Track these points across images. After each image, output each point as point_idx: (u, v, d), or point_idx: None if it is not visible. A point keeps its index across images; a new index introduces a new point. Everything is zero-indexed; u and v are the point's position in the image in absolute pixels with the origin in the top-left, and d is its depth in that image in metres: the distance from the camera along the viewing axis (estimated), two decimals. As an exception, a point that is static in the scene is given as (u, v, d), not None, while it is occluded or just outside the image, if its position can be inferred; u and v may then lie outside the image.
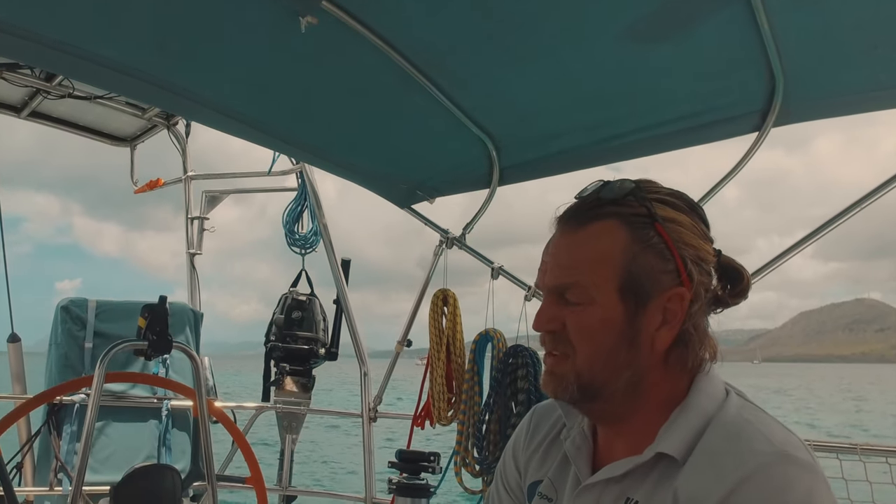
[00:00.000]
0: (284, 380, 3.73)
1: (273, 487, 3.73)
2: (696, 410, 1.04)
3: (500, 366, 2.82)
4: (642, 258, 1.04)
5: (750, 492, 0.92)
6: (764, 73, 2.13)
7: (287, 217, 3.90)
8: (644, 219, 1.06)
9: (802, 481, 0.93)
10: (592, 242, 1.07)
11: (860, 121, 21.51)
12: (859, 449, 2.36)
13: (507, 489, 1.32)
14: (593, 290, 1.05)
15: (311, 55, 2.07)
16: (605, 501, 1.08)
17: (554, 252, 1.11)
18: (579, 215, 1.10)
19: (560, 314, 1.08)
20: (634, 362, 1.06)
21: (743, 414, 1.03)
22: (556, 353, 1.10)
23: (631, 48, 2.00)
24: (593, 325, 1.05)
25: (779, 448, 0.96)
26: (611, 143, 2.56)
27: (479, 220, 3.08)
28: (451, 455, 2.95)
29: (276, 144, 3.00)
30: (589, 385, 1.07)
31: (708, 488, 0.95)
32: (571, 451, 1.17)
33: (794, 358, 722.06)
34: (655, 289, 1.05)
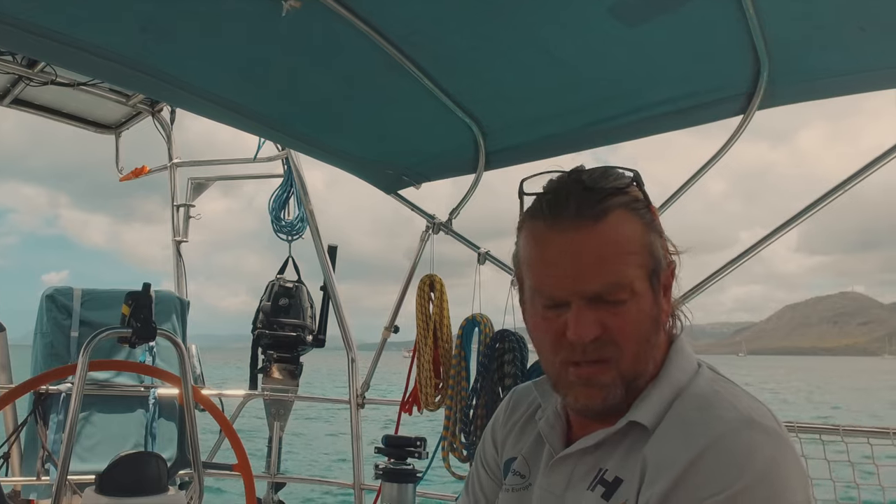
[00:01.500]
0: (272, 367, 3.73)
1: (261, 474, 3.73)
2: (667, 382, 1.06)
3: (486, 351, 2.83)
4: (655, 241, 1.06)
5: (715, 456, 0.93)
6: (749, 55, 2.12)
7: (273, 204, 3.88)
8: (641, 203, 1.07)
9: (767, 447, 0.94)
10: (615, 234, 1.03)
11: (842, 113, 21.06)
12: (841, 430, 2.39)
13: (486, 467, 1.34)
14: (636, 283, 1.03)
15: (296, 40, 2.05)
16: (579, 473, 1.09)
17: (573, 255, 1.03)
18: (588, 208, 1.03)
19: (601, 318, 1.02)
20: (657, 343, 1.08)
21: (713, 385, 1.06)
22: (600, 362, 1.04)
23: (615, 31, 1.99)
24: (636, 318, 1.03)
25: (744, 414, 0.97)
26: (597, 127, 2.56)
27: (466, 206, 3.08)
28: (438, 440, 2.96)
29: (262, 130, 2.98)
30: (633, 379, 1.06)
31: (675, 454, 0.96)
32: (545, 430, 1.19)
33: (779, 351, 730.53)
34: (664, 267, 1.08)
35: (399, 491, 2.85)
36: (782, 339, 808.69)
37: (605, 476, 1.05)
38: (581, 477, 1.08)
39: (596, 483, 1.05)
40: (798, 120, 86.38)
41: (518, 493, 1.20)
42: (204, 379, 4.06)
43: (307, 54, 2.16)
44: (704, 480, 0.92)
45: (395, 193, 3.12)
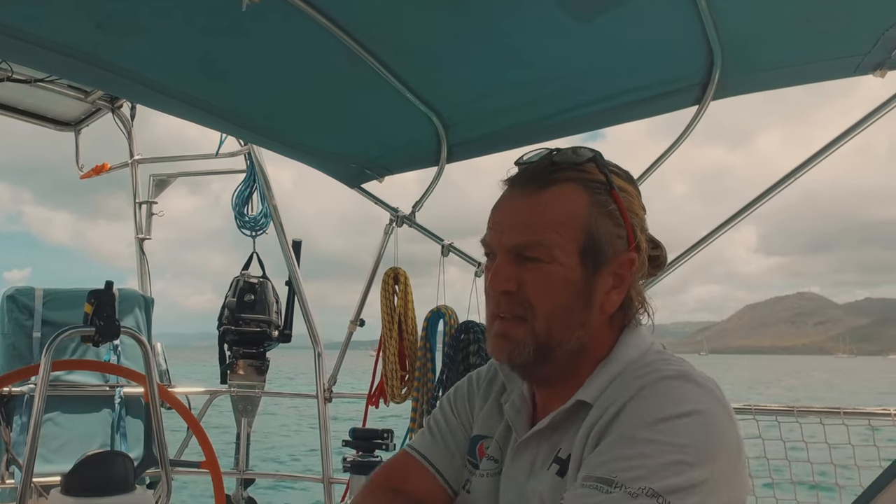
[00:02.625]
0: (238, 363, 3.71)
1: (229, 471, 3.71)
2: (616, 360, 1.10)
3: (451, 342, 2.84)
4: (602, 223, 1.09)
5: (649, 394, 0.97)
6: (702, 46, 2.16)
7: (236, 199, 3.85)
8: (602, 185, 1.10)
9: (699, 395, 0.98)
10: (556, 203, 1.09)
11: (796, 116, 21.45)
12: (796, 411, 2.46)
13: (455, 413, 1.33)
14: (556, 249, 1.07)
15: (256, 35, 2.04)
16: (541, 456, 1.12)
17: (511, 212, 1.12)
18: (539, 177, 1.11)
19: (518, 274, 1.08)
20: (587, 323, 1.10)
21: (660, 356, 1.09)
22: (510, 317, 1.10)
23: (572, 23, 2.02)
24: (553, 283, 1.07)
25: (683, 370, 1.01)
26: (557, 119, 2.59)
27: (431, 204, 3.10)
28: (405, 432, 2.98)
29: (223, 126, 2.95)
30: (545, 345, 1.09)
31: (612, 402, 1.00)
32: (511, 414, 1.21)
33: (740, 350, 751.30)
34: (610, 253, 1.09)
35: (367, 483, 2.86)
36: (743, 339, 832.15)
37: (559, 454, 1.08)
38: (543, 460, 1.11)
39: (552, 462, 1.08)
40: (754, 124, 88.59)
41: (492, 479, 1.21)
42: (170, 376, 4.03)
43: (268, 49, 2.15)
44: (633, 413, 0.96)
45: (357, 187, 3.12)
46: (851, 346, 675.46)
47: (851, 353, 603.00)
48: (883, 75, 2.10)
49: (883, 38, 1.95)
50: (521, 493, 1.12)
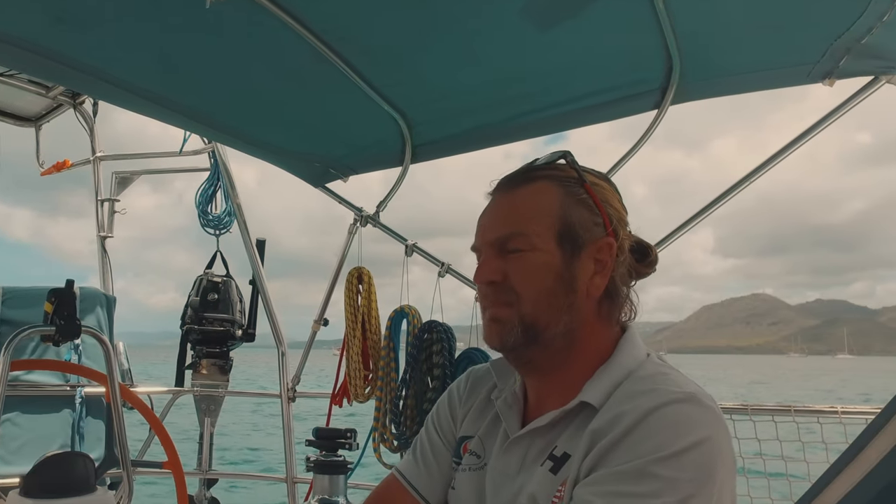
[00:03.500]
0: (201, 363, 3.68)
1: (192, 471, 3.69)
2: (618, 366, 1.13)
3: (415, 342, 2.85)
4: (575, 210, 1.16)
5: (656, 420, 0.99)
6: (662, 52, 2.20)
7: (200, 198, 3.82)
8: (574, 180, 1.18)
9: (705, 420, 1.01)
10: (531, 198, 1.18)
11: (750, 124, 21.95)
12: (749, 409, 2.52)
13: (440, 433, 1.37)
14: (534, 237, 1.14)
15: (221, 32, 2.03)
16: (533, 452, 1.15)
17: (491, 212, 1.22)
18: (515, 180, 1.22)
19: (501, 265, 1.17)
20: (573, 306, 1.15)
21: (659, 369, 1.12)
22: (499, 303, 1.16)
23: (535, 27, 2.04)
24: (535, 269, 1.14)
25: (687, 391, 1.04)
26: (520, 121, 2.61)
27: (393, 198, 3.10)
28: (369, 431, 2.98)
29: (187, 123, 2.93)
30: (532, 325, 1.14)
31: (618, 420, 1.02)
32: (503, 409, 1.24)
33: (697, 349, 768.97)
34: (588, 237, 1.16)
35: (331, 482, 2.85)
36: (700, 339, 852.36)
37: (554, 452, 1.11)
38: (535, 457, 1.14)
39: (546, 459, 1.11)
40: (711, 129, 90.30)
41: (475, 473, 1.24)
42: (132, 376, 3.98)
43: (232, 46, 2.14)
44: (643, 440, 0.99)
45: (322, 186, 3.12)
46: (803, 346, 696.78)
47: (803, 352, 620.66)
48: (832, 84, 2.17)
49: (832, 48, 2.01)
50: (509, 486, 1.15)
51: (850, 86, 2.22)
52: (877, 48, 1.99)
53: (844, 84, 2.19)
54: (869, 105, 2.20)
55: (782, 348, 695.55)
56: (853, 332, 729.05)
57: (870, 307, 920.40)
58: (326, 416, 3.19)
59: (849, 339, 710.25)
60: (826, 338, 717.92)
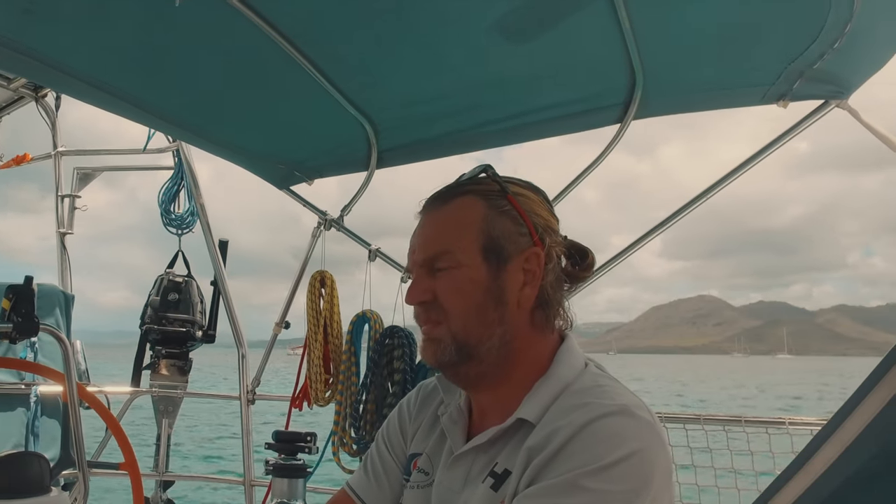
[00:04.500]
0: (160, 363, 3.64)
1: (149, 473, 3.64)
2: (555, 379, 1.14)
3: (376, 346, 2.86)
4: (499, 223, 1.17)
5: (589, 434, 1.01)
6: (625, 67, 2.25)
7: (163, 197, 3.77)
8: (498, 192, 1.19)
9: (638, 432, 1.02)
10: (454, 214, 1.20)
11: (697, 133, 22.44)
12: (702, 419, 2.58)
13: (389, 448, 1.38)
14: (459, 254, 1.15)
15: (190, 30, 2.01)
16: (476, 468, 1.16)
17: (420, 232, 1.23)
18: (440, 197, 1.23)
19: (431, 285, 1.18)
20: (504, 319, 1.15)
21: (596, 380, 1.13)
22: (430, 322, 1.18)
23: (502, 39, 2.06)
24: (462, 285, 1.15)
25: (621, 403, 1.05)
26: (485, 130, 2.64)
27: (357, 202, 3.10)
28: (328, 435, 2.98)
29: (152, 121, 2.89)
30: (465, 343, 1.15)
31: (553, 435, 1.03)
32: (448, 425, 1.25)
33: (646, 349, 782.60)
34: (513, 249, 1.16)
35: (289, 486, 2.85)
36: (648, 339, 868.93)
37: (495, 468, 1.12)
38: (477, 473, 1.15)
39: (487, 476, 1.12)
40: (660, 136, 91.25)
41: (423, 490, 1.25)
42: (89, 376, 3.92)
43: (200, 45, 2.12)
44: (575, 454, 1.00)
45: (287, 189, 3.11)
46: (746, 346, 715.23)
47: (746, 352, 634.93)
48: (785, 106, 2.24)
49: (786, 71, 2.08)
50: (454, 502, 1.16)
51: (803, 108, 2.30)
52: (828, 74, 2.06)
53: (797, 106, 2.26)
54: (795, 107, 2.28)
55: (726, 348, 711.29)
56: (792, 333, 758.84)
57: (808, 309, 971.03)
58: (286, 418, 3.18)
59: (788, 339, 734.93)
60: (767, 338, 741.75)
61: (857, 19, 1.76)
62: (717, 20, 1.97)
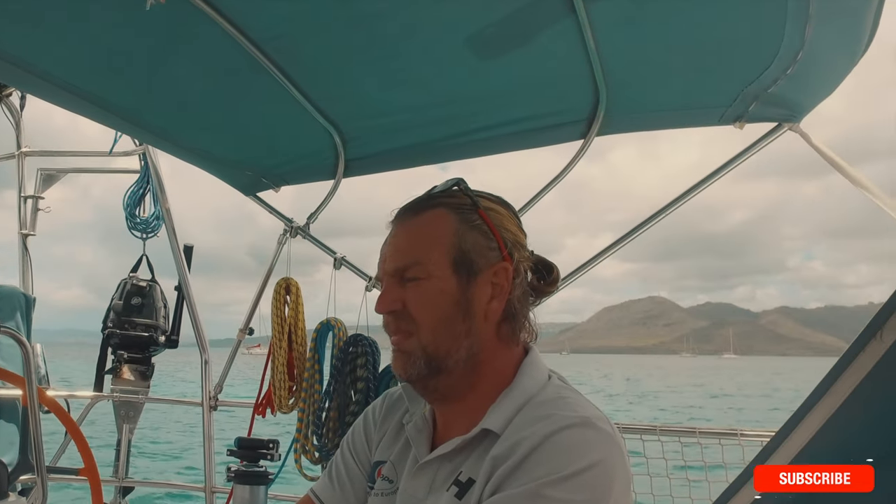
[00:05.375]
0: (122, 368, 3.60)
1: (109, 479, 3.60)
2: (520, 391, 1.16)
3: (340, 354, 2.87)
4: (469, 236, 1.19)
5: (551, 445, 1.03)
6: (590, 86, 2.30)
7: (128, 200, 3.73)
8: (469, 206, 1.21)
9: (598, 444, 1.05)
10: (426, 226, 1.21)
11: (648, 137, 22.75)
12: (658, 430, 2.63)
13: (354, 456, 1.39)
14: (430, 265, 1.17)
15: (159, 35, 2.01)
16: (440, 477, 1.17)
17: (392, 242, 1.24)
18: (413, 209, 1.24)
19: (401, 295, 1.19)
20: (472, 331, 1.18)
21: (559, 392, 1.16)
22: (400, 332, 1.19)
23: (471, 54, 2.10)
24: (432, 297, 1.17)
25: (583, 415, 1.07)
26: (452, 142, 2.67)
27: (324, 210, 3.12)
28: (291, 442, 2.98)
29: (119, 124, 2.86)
30: (434, 355, 1.17)
31: (517, 446, 1.06)
32: (412, 434, 1.27)
33: (598, 349, 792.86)
34: (483, 263, 1.19)
35: (251, 493, 2.84)
36: (600, 339, 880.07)
37: (459, 477, 1.13)
38: (442, 482, 1.16)
39: (451, 484, 1.13)
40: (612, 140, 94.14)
41: (386, 498, 1.26)
42: (49, 379, 3.87)
43: (170, 50, 2.12)
44: (538, 465, 1.02)
45: (253, 195, 3.11)
46: (693, 346, 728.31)
47: (693, 352, 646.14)
48: (741, 127, 2.31)
49: (743, 94, 2.14)
50: None
51: (758, 130, 2.37)
52: (781, 98, 2.13)
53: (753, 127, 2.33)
54: (754, 128, 2.36)
55: (675, 348, 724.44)
56: (738, 334, 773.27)
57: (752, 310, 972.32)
58: (249, 425, 3.17)
59: (734, 339, 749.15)
60: (714, 338, 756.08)
61: (808, 48, 1.83)
62: (678, 44, 2.03)
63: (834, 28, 1.81)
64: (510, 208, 1.29)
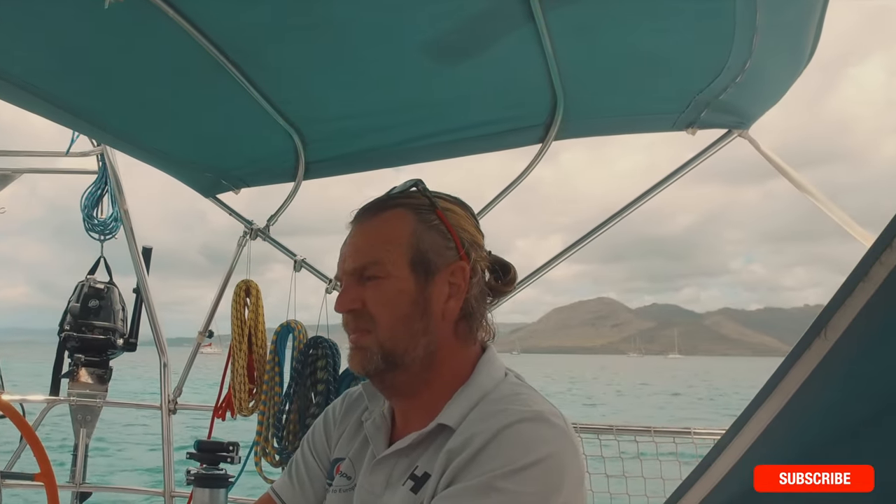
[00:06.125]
0: (79, 371, 3.55)
1: (65, 484, 3.54)
2: (475, 387, 1.19)
3: (300, 357, 2.86)
4: (427, 236, 1.21)
5: (504, 438, 1.06)
6: (548, 91, 2.33)
7: (86, 201, 3.67)
8: (427, 207, 1.24)
9: (551, 438, 1.07)
10: (385, 226, 1.23)
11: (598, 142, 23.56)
12: (615, 429, 2.68)
13: (314, 453, 1.41)
14: (389, 265, 1.19)
15: (118, 33, 1.98)
16: (397, 472, 1.19)
17: (351, 241, 1.25)
18: (372, 209, 1.26)
19: (360, 294, 1.20)
20: (429, 330, 1.20)
21: (514, 389, 1.19)
22: (359, 331, 1.21)
23: (431, 60, 2.11)
24: (390, 296, 1.19)
25: (536, 410, 1.10)
26: (412, 145, 2.69)
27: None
28: (251, 445, 2.97)
29: (76, 123, 2.80)
30: (391, 352, 1.19)
31: (471, 440, 1.08)
32: (371, 431, 1.29)
33: (548, 349, 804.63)
34: (441, 262, 1.21)
35: (211, 496, 2.82)
36: (550, 339, 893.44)
37: (415, 472, 1.16)
38: (398, 476, 1.18)
39: (408, 478, 1.16)
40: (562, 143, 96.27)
41: (345, 494, 1.28)
42: (3, 383, 3.79)
43: (129, 49, 2.09)
44: (491, 458, 1.05)
45: (213, 197, 3.09)
46: (640, 346, 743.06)
47: (640, 352, 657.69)
48: (693, 133, 2.37)
49: (695, 100, 2.20)
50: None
51: (709, 136, 2.43)
52: (731, 105, 2.20)
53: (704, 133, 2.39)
54: (702, 135, 2.42)
55: (623, 349, 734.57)
56: (683, 334, 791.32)
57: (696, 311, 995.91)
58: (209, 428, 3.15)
59: (679, 340, 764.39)
60: (660, 339, 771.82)
61: (756, 58, 1.89)
62: (633, 51, 2.07)
63: (779, 40, 1.87)
64: (468, 209, 1.31)
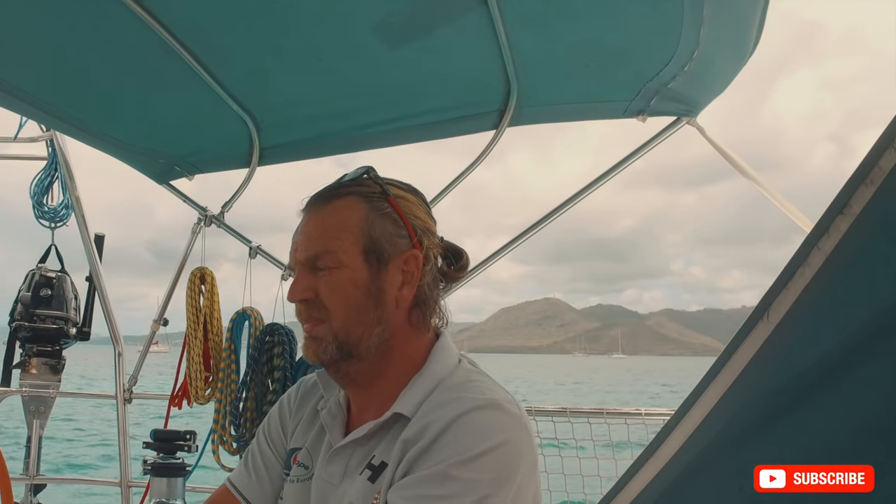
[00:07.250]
0: (31, 362, 3.48)
1: (19, 476, 3.48)
2: (430, 375, 1.20)
3: (256, 344, 2.85)
4: (379, 224, 1.21)
5: (459, 427, 1.07)
6: (501, 78, 2.35)
7: (35, 188, 3.59)
8: (379, 195, 1.23)
9: (505, 425, 1.09)
10: (337, 215, 1.22)
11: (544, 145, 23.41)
12: (568, 412, 2.73)
13: (270, 444, 1.41)
14: (341, 254, 1.18)
15: (65, 16, 1.95)
16: (354, 462, 1.20)
17: (303, 230, 1.24)
18: (324, 197, 1.25)
19: (313, 283, 1.20)
20: (383, 318, 1.20)
21: (469, 376, 1.20)
22: (312, 320, 1.20)
23: (383, 44, 2.11)
24: (343, 285, 1.18)
25: (490, 398, 1.12)
26: (366, 132, 2.69)
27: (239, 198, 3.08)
28: (208, 433, 2.95)
29: (24, 108, 2.74)
30: (346, 342, 1.19)
31: (426, 429, 1.09)
32: (327, 420, 1.29)
33: (496, 349, 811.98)
34: (393, 251, 1.21)
35: (168, 485, 2.80)
36: (498, 339, 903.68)
37: (372, 461, 1.16)
38: (355, 466, 1.19)
39: (365, 468, 1.16)
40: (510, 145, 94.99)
41: (302, 484, 1.27)
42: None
43: (77, 32, 2.05)
44: (446, 446, 1.06)
45: (166, 184, 3.05)
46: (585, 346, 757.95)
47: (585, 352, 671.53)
48: (644, 120, 2.41)
49: (644, 88, 2.24)
50: (333, 496, 1.20)
51: (659, 123, 2.48)
52: (680, 93, 2.24)
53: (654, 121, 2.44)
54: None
55: (569, 348, 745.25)
56: (626, 334, 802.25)
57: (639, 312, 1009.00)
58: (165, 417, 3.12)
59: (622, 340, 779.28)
60: (605, 339, 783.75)
61: (703, 48, 1.93)
62: (585, 39, 2.10)
63: (725, 31, 1.91)
64: (420, 196, 1.31)
